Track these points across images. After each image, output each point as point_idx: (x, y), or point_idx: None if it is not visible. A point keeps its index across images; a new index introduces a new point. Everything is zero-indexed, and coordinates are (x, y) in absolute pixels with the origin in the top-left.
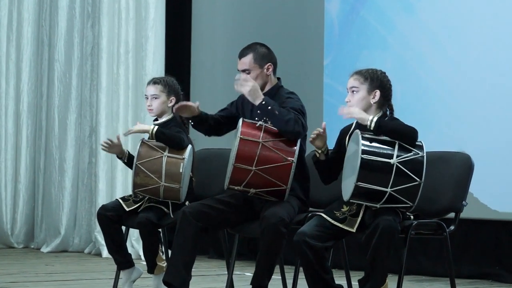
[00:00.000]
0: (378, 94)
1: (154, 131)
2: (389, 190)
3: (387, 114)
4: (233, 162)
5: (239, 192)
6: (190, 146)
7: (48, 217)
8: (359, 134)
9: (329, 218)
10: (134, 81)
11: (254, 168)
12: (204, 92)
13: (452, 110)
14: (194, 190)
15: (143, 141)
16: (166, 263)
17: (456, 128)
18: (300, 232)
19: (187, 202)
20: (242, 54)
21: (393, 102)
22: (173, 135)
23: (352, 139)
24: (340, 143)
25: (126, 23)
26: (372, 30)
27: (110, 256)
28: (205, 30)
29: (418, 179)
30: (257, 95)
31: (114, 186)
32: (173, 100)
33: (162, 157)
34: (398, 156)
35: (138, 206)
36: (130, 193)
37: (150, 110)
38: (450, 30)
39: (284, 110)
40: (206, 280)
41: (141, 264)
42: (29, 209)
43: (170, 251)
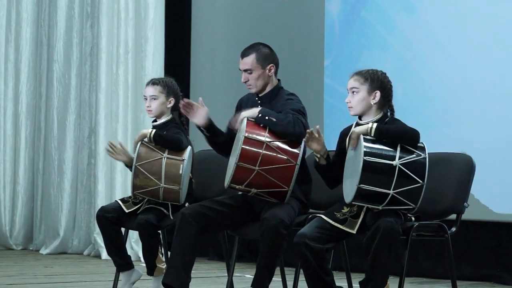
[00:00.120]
0: (378, 94)
1: (151, 135)
2: (391, 192)
3: (388, 115)
4: (236, 161)
5: (240, 191)
6: (189, 147)
7: (47, 218)
8: (361, 136)
9: (329, 220)
10: (134, 81)
11: (257, 168)
12: (204, 92)
13: (453, 110)
14: (194, 192)
15: (143, 142)
16: (165, 265)
17: (457, 129)
18: (300, 233)
19: (187, 204)
20: (244, 54)
21: (394, 103)
22: (171, 137)
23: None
24: (341, 146)
25: (125, 24)
26: (372, 30)
27: (109, 258)
28: (205, 30)
29: (421, 181)
30: (252, 112)
31: (114, 187)
32: (172, 101)
33: (162, 158)
34: (400, 157)
35: (137, 207)
36: (129, 194)
37: (149, 111)
38: (451, 30)
39: (281, 114)
40: (206, 282)
41: (140, 266)
42: (28, 210)
43: (169, 253)
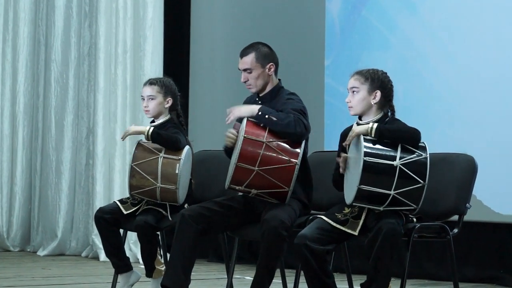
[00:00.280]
0: (378, 94)
1: (149, 132)
2: (392, 192)
3: (388, 115)
4: (235, 161)
5: (240, 192)
6: (187, 147)
7: (44, 219)
8: (361, 136)
9: (330, 221)
10: (132, 81)
11: (256, 168)
12: (203, 92)
13: (455, 110)
14: (193, 193)
15: (139, 142)
16: (164, 267)
17: (459, 129)
18: (300, 235)
19: (186, 205)
20: (243, 53)
21: (394, 103)
22: (169, 136)
23: (353, 142)
24: (343, 147)
25: (123, 23)
26: (373, 30)
27: (107, 259)
28: (204, 29)
29: (422, 181)
30: (252, 109)
31: (112, 188)
32: (169, 101)
33: (158, 158)
34: (401, 158)
35: (136, 208)
36: (128, 195)
37: (146, 111)
38: (453, 30)
39: (282, 114)
40: (206, 284)
41: (139, 267)
42: (25, 211)
43: (168, 255)
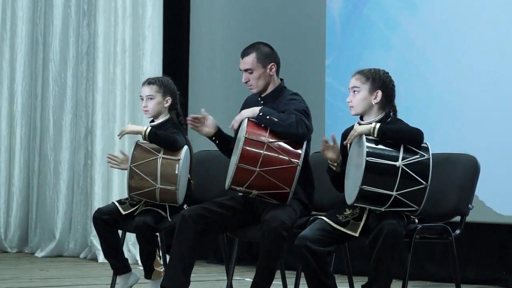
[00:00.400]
0: (380, 94)
1: (147, 132)
2: (394, 193)
3: (390, 115)
4: (236, 162)
5: (241, 193)
6: (186, 147)
7: (42, 220)
8: (363, 136)
9: (331, 222)
10: (131, 81)
11: (258, 169)
12: (202, 92)
13: (457, 111)
14: (193, 193)
15: (138, 143)
16: (163, 268)
17: (461, 129)
18: (301, 236)
19: (185, 206)
20: (244, 53)
21: (396, 103)
22: (166, 136)
23: (354, 142)
24: (344, 147)
25: (122, 22)
26: (375, 29)
27: (106, 261)
28: (204, 28)
29: (424, 182)
30: (253, 111)
31: (110, 189)
32: (169, 100)
33: (157, 158)
34: (403, 158)
35: (135, 209)
36: (126, 196)
37: (145, 111)
38: (455, 30)
39: (283, 114)
40: (205, 285)
41: (138, 269)
42: (23, 212)
43: (168, 256)
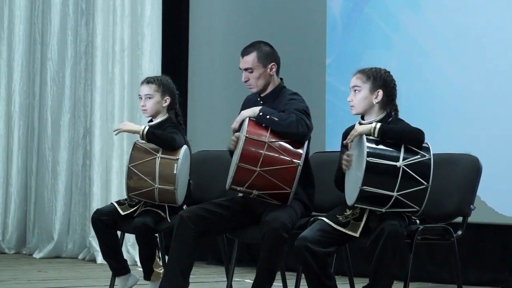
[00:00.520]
0: (380, 93)
1: (144, 132)
2: (395, 194)
3: (392, 114)
4: (237, 162)
5: (241, 193)
6: (185, 147)
7: (40, 221)
8: (364, 136)
9: (331, 223)
10: (130, 80)
11: (258, 169)
12: (202, 91)
13: (459, 110)
14: (192, 193)
15: (136, 143)
16: (163, 269)
17: (463, 129)
18: (301, 237)
19: (185, 206)
20: (245, 52)
21: (397, 102)
22: (164, 135)
23: (355, 142)
24: (345, 147)
25: (121, 21)
26: (376, 28)
27: (105, 262)
28: (203, 27)
29: (425, 183)
30: (253, 110)
31: (109, 189)
32: (167, 100)
33: (155, 158)
34: (404, 158)
35: (134, 210)
36: (125, 196)
37: (144, 110)
38: (457, 29)
39: (283, 114)
40: (205, 287)
41: (137, 270)
42: (21, 213)
43: (167, 257)
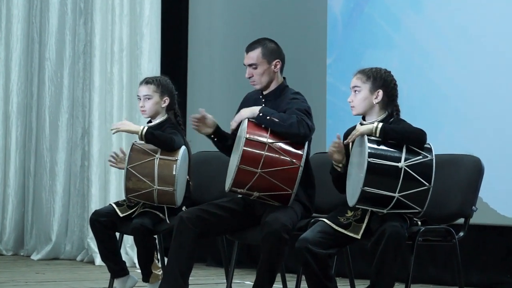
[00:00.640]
0: (380, 94)
1: (143, 132)
2: (397, 195)
3: (393, 115)
4: (237, 163)
5: (242, 195)
6: (183, 147)
7: (38, 223)
8: (365, 137)
9: (332, 224)
10: (129, 80)
11: (259, 170)
12: (201, 91)
13: (460, 111)
14: (192, 194)
15: (134, 144)
16: (162, 271)
17: (465, 129)
18: (302, 238)
19: (184, 207)
20: (250, 48)
21: (399, 103)
22: (163, 136)
23: (356, 142)
24: (346, 148)
25: (120, 20)
26: (377, 28)
27: (103, 263)
28: (202, 27)
29: (427, 184)
30: (252, 111)
31: (108, 190)
32: (166, 100)
33: (154, 159)
34: (406, 159)
35: (132, 211)
36: (124, 198)
37: (143, 111)
38: (459, 28)
39: (284, 114)
40: None
41: (135, 272)
42: (18, 214)
43: (166, 259)
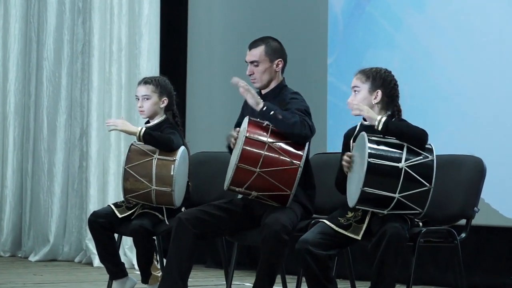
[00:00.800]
0: (380, 94)
1: (141, 133)
2: (397, 195)
3: (395, 115)
4: (236, 162)
5: (240, 194)
6: (182, 148)
7: (36, 224)
8: (365, 137)
9: (332, 225)
10: (127, 80)
11: (258, 169)
12: (201, 91)
13: (462, 111)
14: (191, 196)
15: (133, 144)
16: (161, 273)
17: (466, 130)
18: (302, 239)
19: (183, 208)
20: (253, 45)
21: (400, 103)
22: (161, 137)
23: (357, 142)
24: (346, 148)
25: (118, 19)
26: (378, 27)
27: (102, 265)
28: (202, 26)
29: (428, 184)
30: (258, 101)
31: (106, 191)
32: (165, 100)
33: (152, 159)
34: (406, 159)
35: (131, 212)
36: (122, 199)
37: (141, 111)
38: (461, 28)
39: (288, 113)
40: None
41: (134, 273)
42: (16, 215)
43: (165, 260)
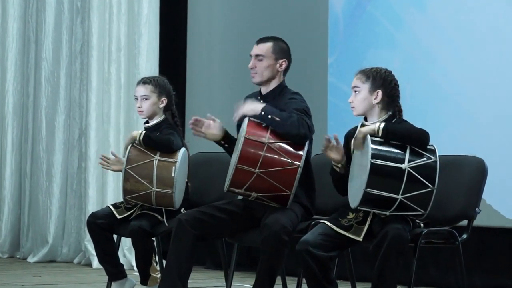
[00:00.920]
0: (380, 94)
1: (141, 137)
2: (400, 197)
3: (395, 115)
4: (235, 163)
5: (240, 195)
6: (183, 149)
7: (35, 225)
8: (368, 137)
9: (333, 226)
10: (127, 80)
11: (257, 170)
12: (201, 91)
13: (464, 112)
14: (190, 197)
15: (133, 145)
16: (160, 274)
17: (468, 130)
18: (303, 241)
19: (183, 209)
20: (261, 40)
21: (401, 103)
22: (161, 138)
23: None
24: (346, 148)
25: (117, 19)
26: (379, 27)
27: (100, 266)
28: (202, 26)
29: (431, 186)
30: (255, 108)
31: (105, 192)
32: (164, 101)
33: (153, 161)
34: (410, 160)
35: (130, 213)
36: (122, 200)
37: (140, 112)
38: (462, 27)
39: (285, 113)
40: None
41: (133, 275)
42: (14, 216)
43: (164, 261)
